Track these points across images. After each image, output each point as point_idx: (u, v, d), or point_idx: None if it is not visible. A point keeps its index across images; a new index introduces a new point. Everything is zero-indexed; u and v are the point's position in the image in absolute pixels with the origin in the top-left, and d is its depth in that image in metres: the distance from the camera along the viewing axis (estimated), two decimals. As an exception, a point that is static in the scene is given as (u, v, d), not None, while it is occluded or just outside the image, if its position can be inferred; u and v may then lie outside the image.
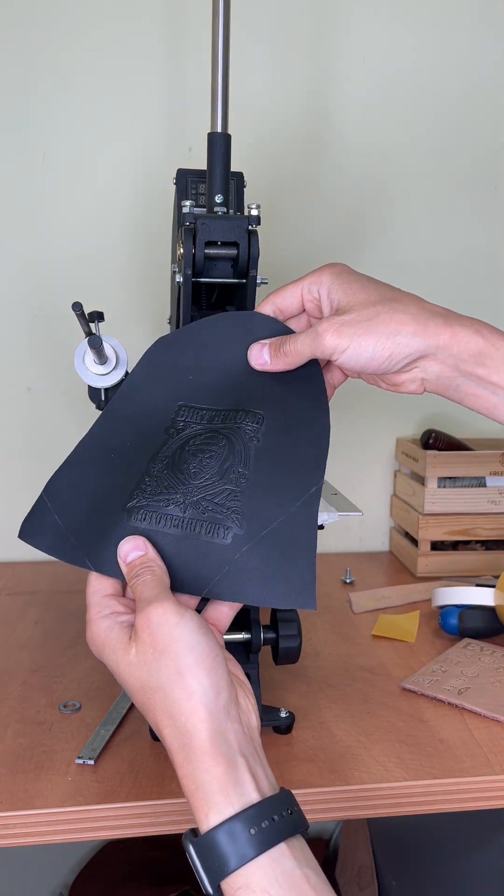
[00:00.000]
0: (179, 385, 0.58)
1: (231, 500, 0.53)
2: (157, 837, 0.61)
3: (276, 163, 1.09)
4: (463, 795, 0.61)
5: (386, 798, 0.60)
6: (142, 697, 0.45)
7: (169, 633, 0.45)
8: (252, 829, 0.41)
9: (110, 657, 0.47)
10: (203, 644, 0.45)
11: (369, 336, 0.52)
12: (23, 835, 0.56)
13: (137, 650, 0.45)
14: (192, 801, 0.43)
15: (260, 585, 0.52)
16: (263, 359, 0.57)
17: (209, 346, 0.59)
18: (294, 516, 0.53)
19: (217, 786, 0.42)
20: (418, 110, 1.11)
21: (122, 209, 1.07)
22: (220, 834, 0.41)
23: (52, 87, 1.03)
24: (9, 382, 1.10)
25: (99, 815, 0.56)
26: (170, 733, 0.44)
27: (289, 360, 0.56)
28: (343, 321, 0.52)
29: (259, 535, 0.52)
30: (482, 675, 0.75)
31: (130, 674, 0.46)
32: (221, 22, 0.66)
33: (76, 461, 0.57)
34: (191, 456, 0.54)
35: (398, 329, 0.52)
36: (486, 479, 1.07)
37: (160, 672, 0.44)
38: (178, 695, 0.44)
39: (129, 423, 0.57)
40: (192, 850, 0.42)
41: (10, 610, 0.94)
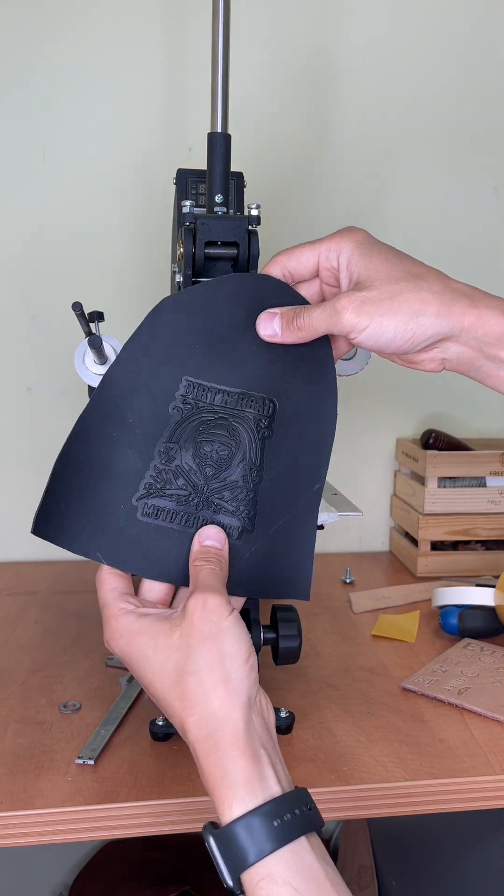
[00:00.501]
0: (185, 356, 0.54)
1: (242, 498, 0.53)
2: (157, 837, 0.61)
3: (276, 163, 1.09)
4: (463, 795, 0.61)
5: (386, 798, 0.60)
6: (173, 685, 0.45)
7: (218, 623, 0.45)
8: (275, 821, 0.41)
9: (145, 644, 0.46)
10: (244, 640, 0.46)
11: (391, 316, 0.49)
12: (23, 835, 0.56)
13: (182, 633, 0.46)
14: (215, 791, 0.43)
15: (262, 581, 0.52)
16: (273, 329, 0.53)
17: (217, 311, 0.55)
18: (298, 513, 0.53)
19: (243, 777, 0.42)
20: (418, 109, 1.11)
21: (123, 209, 1.07)
22: (243, 825, 0.41)
23: (52, 87, 1.03)
24: (9, 382, 1.10)
25: (99, 815, 0.56)
26: (197, 721, 0.44)
27: (301, 335, 0.52)
28: (364, 298, 0.49)
29: (268, 533, 0.53)
30: (482, 675, 0.75)
31: (169, 657, 0.45)
32: (221, 22, 0.66)
33: (79, 440, 0.54)
34: (203, 447, 0.52)
35: (422, 309, 0.49)
36: (486, 479, 1.07)
37: (201, 656, 0.45)
38: (215, 680, 0.44)
39: (130, 395, 0.54)
40: (212, 842, 0.42)
41: (10, 610, 0.94)
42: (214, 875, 0.42)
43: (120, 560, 0.51)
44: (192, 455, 0.53)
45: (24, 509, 1.11)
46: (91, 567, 1.15)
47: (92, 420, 0.54)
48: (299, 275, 0.55)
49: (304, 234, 1.11)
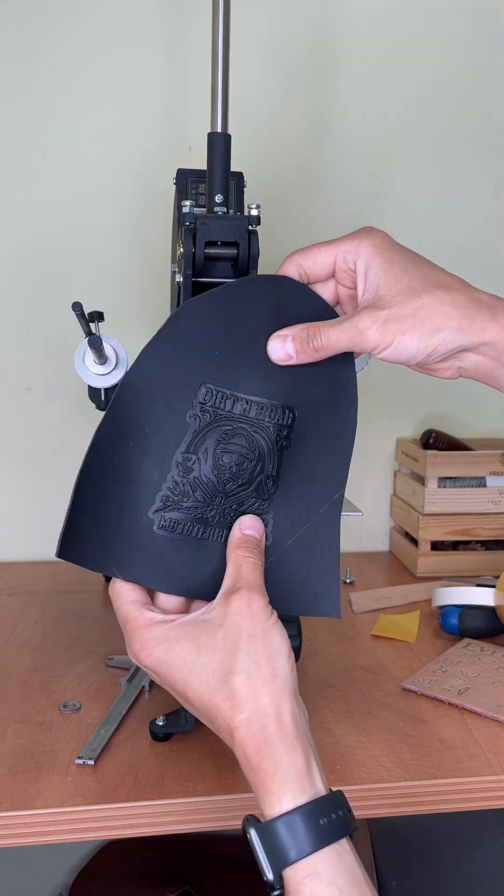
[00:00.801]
0: (204, 361, 0.52)
1: (259, 510, 0.52)
2: (157, 837, 0.61)
3: (276, 163, 1.09)
4: (463, 795, 0.61)
5: (386, 798, 0.60)
6: (219, 685, 0.45)
7: (263, 624, 0.46)
8: (322, 819, 0.42)
9: (188, 647, 0.46)
10: (286, 638, 0.46)
11: (413, 332, 0.48)
12: (23, 835, 0.56)
13: (225, 633, 0.45)
14: (265, 786, 0.43)
15: (285, 595, 0.51)
16: (286, 352, 0.51)
17: (239, 316, 0.52)
18: (318, 524, 0.53)
19: (294, 772, 0.43)
20: (418, 110, 1.11)
21: (123, 209, 1.07)
22: (290, 820, 0.41)
23: (52, 88, 1.03)
24: (9, 382, 1.10)
25: (99, 815, 0.56)
26: (247, 718, 0.44)
27: (319, 355, 0.51)
28: (387, 316, 0.48)
29: (285, 544, 0.52)
30: (482, 675, 0.75)
31: (213, 657, 0.45)
32: (221, 22, 0.66)
33: (97, 450, 0.51)
34: (222, 458, 0.51)
35: (444, 324, 0.48)
36: (486, 479, 1.07)
37: (248, 655, 0.45)
38: (264, 677, 0.44)
39: (147, 402, 0.51)
40: (254, 835, 0.42)
41: (10, 610, 0.94)
42: (214, 875, 0.42)
43: (136, 575, 0.50)
44: (212, 467, 0.51)
45: (24, 509, 1.12)
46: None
47: (109, 429, 0.51)
48: (315, 275, 0.53)
49: (304, 234, 1.11)
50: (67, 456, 1.11)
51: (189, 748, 0.63)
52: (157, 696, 0.73)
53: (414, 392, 1.19)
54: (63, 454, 1.11)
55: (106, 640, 0.85)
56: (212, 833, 1.14)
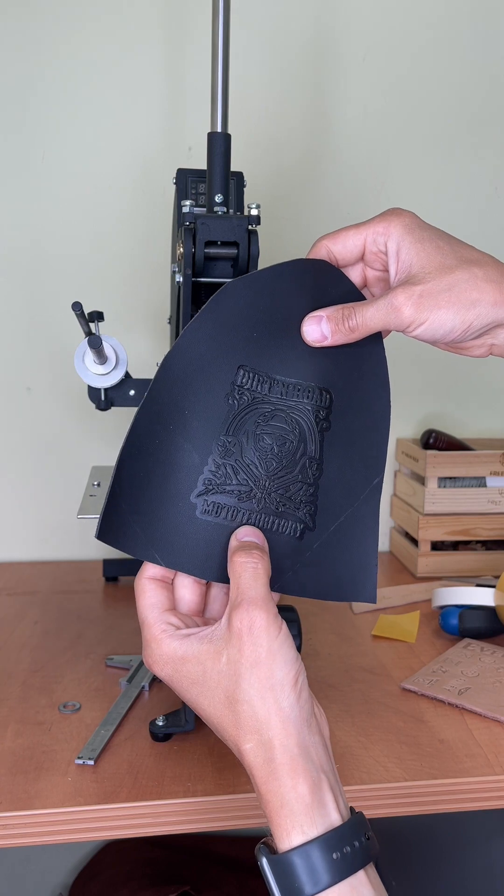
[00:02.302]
0: (242, 343, 0.51)
1: (304, 494, 0.51)
2: (157, 837, 0.61)
3: (276, 163, 1.09)
4: (463, 795, 0.61)
5: (386, 798, 0.60)
6: (225, 710, 0.44)
7: (268, 646, 0.43)
8: (334, 853, 0.40)
9: (193, 670, 0.45)
10: (292, 661, 0.44)
11: (449, 308, 0.47)
12: (23, 835, 0.56)
13: (229, 658, 0.44)
14: (274, 818, 0.42)
15: (325, 580, 0.51)
16: (321, 333, 0.50)
17: (278, 298, 0.52)
18: (358, 509, 0.52)
19: (302, 806, 0.41)
20: (419, 108, 1.11)
21: (122, 209, 1.07)
22: (300, 856, 0.40)
23: (52, 88, 1.03)
24: (9, 382, 1.10)
25: (99, 815, 0.56)
26: (253, 748, 0.43)
27: (354, 335, 0.50)
28: (422, 292, 0.47)
29: (329, 530, 0.51)
30: (482, 675, 0.75)
31: (218, 683, 0.44)
32: (221, 22, 0.66)
33: (136, 434, 0.50)
34: (263, 440, 0.50)
35: (479, 299, 0.48)
36: (486, 479, 1.07)
37: (251, 686, 0.43)
38: (268, 709, 0.43)
39: (186, 384, 0.51)
40: (266, 865, 0.41)
41: (10, 610, 0.94)
42: (214, 875, 0.42)
43: (178, 561, 0.49)
44: (253, 449, 0.50)
45: (23, 509, 1.12)
46: (91, 567, 1.15)
47: (148, 412, 0.50)
48: (344, 259, 0.52)
49: (304, 233, 1.11)
50: (67, 456, 1.11)
51: (189, 748, 0.63)
52: (157, 696, 0.73)
53: (414, 392, 1.19)
54: (63, 454, 1.11)
55: (106, 640, 0.85)
56: (212, 833, 1.14)
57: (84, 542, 1.13)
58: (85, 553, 1.14)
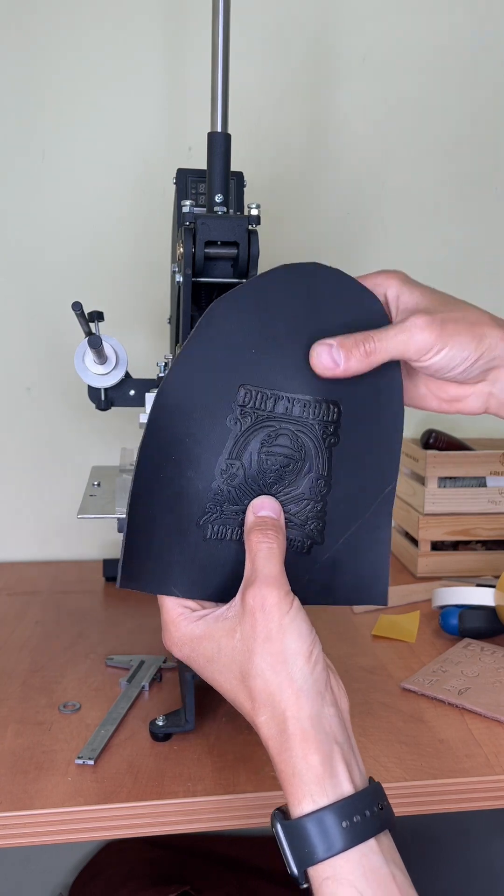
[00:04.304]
0: (240, 362, 0.50)
1: (311, 511, 0.51)
2: (157, 837, 0.61)
3: (276, 163, 1.09)
4: (463, 795, 0.61)
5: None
6: (240, 685, 0.45)
7: (279, 622, 0.45)
8: (344, 822, 0.41)
9: (209, 647, 0.47)
10: (306, 634, 0.46)
11: (465, 335, 0.48)
12: (23, 835, 0.56)
13: (242, 634, 0.45)
14: (287, 787, 0.43)
15: (335, 589, 0.52)
16: (332, 361, 0.48)
17: (271, 309, 0.50)
18: (369, 519, 0.52)
19: (312, 776, 0.43)
20: (419, 109, 1.11)
21: (122, 209, 1.07)
22: (311, 822, 0.41)
23: (52, 87, 1.03)
24: (9, 382, 1.10)
25: (99, 815, 0.56)
26: (266, 721, 0.44)
27: (370, 361, 0.48)
28: (443, 318, 0.48)
29: (337, 543, 0.52)
30: (482, 675, 0.75)
31: (233, 659, 0.45)
32: (221, 21, 0.66)
33: (142, 469, 0.49)
34: (266, 462, 0.50)
35: (487, 332, 0.49)
36: (486, 479, 1.07)
37: (263, 659, 0.44)
38: (279, 683, 0.44)
39: (185, 413, 0.49)
40: (280, 831, 0.42)
41: (10, 610, 0.94)
42: (214, 875, 0.42)
43: (196, 589, 0.49)
44: (256, 471, 0.50)
45: (24, 509, 1.12)
46: (91, 567, 1.15)
47: (149, 449, 0.49)
48: None
49: (304, 233, 1.11)
50: (67, 456, 1.11)
51: (189, 748, 0.63)
52: (157, 696, 0.73)
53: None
54: (63, 454, 1.11)
55: (106, 640, 0.85)
56: (212, 833, 1.14)
57: (84, 542, 1.13)
58: (85, 553, 1.14)
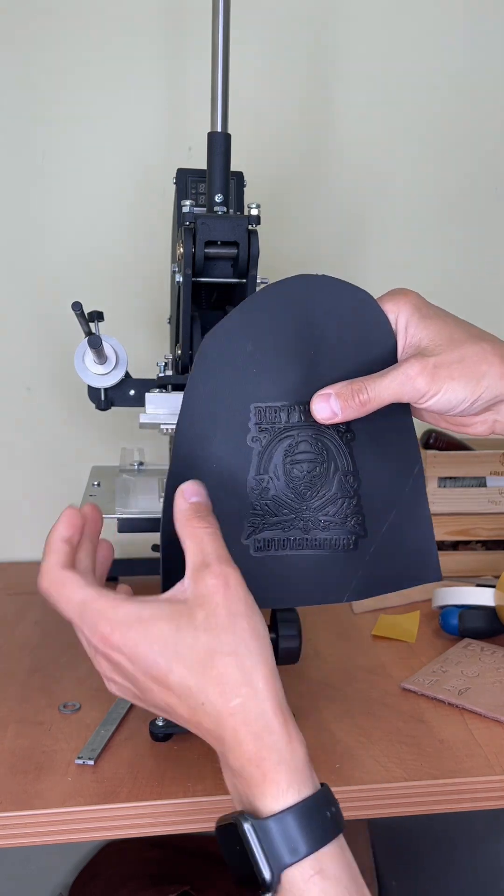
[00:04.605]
0: (245, 383, 0.51)
1: (348, 507, 0.52)
2: (157, 837, 0.61)
3: (276, 163, 1.09)
4: (463, 795, 0.61)
5: (386, 798, 0.60)
6: (206, 669, 0.41)
7: (244, 598, 0.43)
8: (327, 812, 0.40)
9: (165, 628, 0.42)
10: (264, 622, 0.44)
11: (461, 379, 0.49)
12: (23, 835, 0.56)
13: (206, 612, 0.42)
14: (266, 776, 0.40)
15: (389, 576, 0.52)
16: (331, 411, 0.50)
17: (265, 328, 0.52)
18: (406, 501, 0.53)
19: (298, 762, 0.41)
20: (419, 109, 1.11)
21: (122, 209, 1.07)
22: (294, 815, 0.39)
23: (51, 87, 1.03)
24: (9, 382, 1.10)
25: (99, 815, 0.56)
26: (242, 704, 0.41)
27: (366, 409, 0.50)
28: (436, 363, 0.49)
29: (381, 532, 0.52)
30: (482, 675, 0.75)
31: (196, 638, 0.42)
32: (221, 22, 0.66)
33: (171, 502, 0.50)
34: (293, 471, 0.51)
35: (487, 371, 0.49)
36: (486, 479, 1.07)
37: (235, 636, 0.42)
38: (255, 661, 0.42)
39: (205, 442, 0.51)
40: (250, 831, 0.39)
41: (10, 610, 0.94)
42: (214, 875, 0.42)
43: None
44: (285, 482, 0.51)
45: (24, 509, 1.12)
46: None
47: (176, 479, 0.50)
48: None
49: (305, 233, 1.11)
50: (67, 456, 1.11)
51: (189, 748, 0.63)
52: (157, 696, 0.73)
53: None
54: (63, 454, 1.11)
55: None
56: (212, 833, 1.14)
57: (84, 542, 1.13)
58: (85, 553, 1.14)
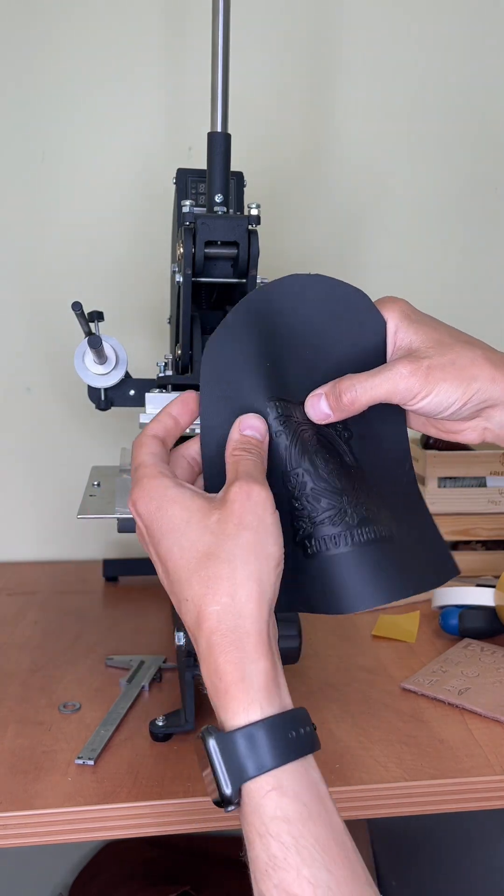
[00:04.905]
0: (258, 380, 0.50)
1: (371, 497, 0.50)
2: (157, 837, 0.61)
3: (276, 163, 1.09)
4: (463, 796, 0.61)
5: (386, 798, 0.60)
6: (198, 565, 0.42)
7: (262, 516, 0.43)
8: (291, 732, 0.40)
9: (178, 515, 0.44)
10: (280, 544, 0.44)
11: (452, 381, 0.48)
12: (23, 835, 0.56)
13: (221, 517, 0.43)
14: (229, 691, 0.41)
15: (414, 574, 0.50)
16: (323, 412, 0.50)
17: (263, 329, 0.51)
18: (405, 498, 0.53)
19: (264, 680, 0.41)
20: (419, 108, 1.11)
21: (122, 209, 1.07)
22: (256, 731, 0.39)
23: (51, 87, 1.03)
24: (9, 382, 1.10)
25: (99, 815, 0.56)
26: (219, 612, 0.41)
27: (355, 408, 0.50)
28: (429, 364, 0.48)
29: (392, 529, 0.50)
30: (482, 675, 0.75)
31: (201, 536, 0.43)
32: (221, 21, 0.66)
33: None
34: (322, 462, 0.49)
35: (478, 374, 0.49)
36: (486, 479, 1.07)
37: (237, 545, 0.42)
38: (248, 574, 0.42)
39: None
40: (213, 745, 0.40)
41: (10, 610, 0.94)
42: (214, 875, 0.42)
43: (317, 604, 0.48)
44: (320, 470, 0.49)
45: (24, 509, 1.12)
46: (91, 567, 1.15)
47: (215, 487, 0.49)
48: None
49: (304, 233, 1.11)
50: (67, 456, 1.11)
51: (189, 748, 0.63)
52: (157, 696, 0.73)
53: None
54: (63, 454, 1.11)
55: (106, 640, 0.85)
56: (212, 833, 1.14)
57: (84, 542, 1.13)
58: (85, 553, 1.14)
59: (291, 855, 0.38)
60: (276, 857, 0.38)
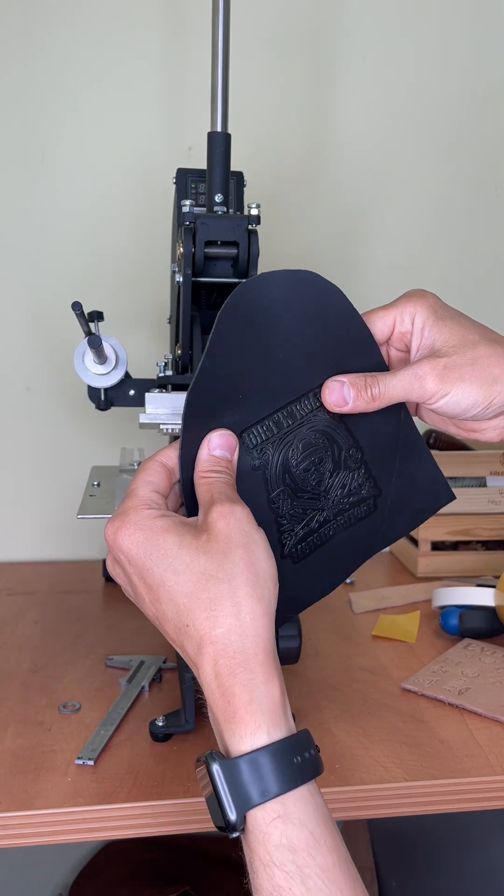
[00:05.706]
0: (233, 413, 0.50)
1: (359, 476, 0.53)
2: (157, 838, 0.61)
3: (277, 163, 1.09)
4: (463, 796, 0.61)
5: (386, 798, 0.60)
6: (196, 588, 0.41)
7: (249, 533, 0.43)
8: (296, 757, 0.40)
9: (170, 541, 0.43)
10: (272, 558, 0.44)
11: (472, 381, 0.48)
12: (23, 835, 0.56)
13: (211, 537, 0.42)
14: (237, 714, 0.40)
15: (408, 513, 0.55)
16: (342, 398, 0.49)
17: (230, 358, 0.50)
18: (403, 445, 0.54)
19: (272, 703, 0.40)
20: (419, 108, 1.11)
21: (122, 209, 1.07)
22: (263, 756, 0.39)
23: (51, 88, 1.03)
24: (9, 382, 1.10)
25: (99, 815, 0.56)
26: (225, 634, 0.41)
27: (375, 404, 0.50)
28: (447, 363, 0.48)
29: (392, 482, 0.54)
30: (482, 675, 0.75)
31: (195, 558, 0.42)
32: (221, 21, 0.66)
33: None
34: (302, 475, 0.51)
35: (500, 374, 0.48)
36: (486, 479, 1.07)
37: (234, 564, 0.42)
38: (248, 592, 0.41)
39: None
40: (218, 771, 0.39)
41: (10, 610, 0.94)
42: (214, 875, 0.42)
43: (307, 602, 0.52)
44: (299, 484, 0.51)
45: (24, 509, 1.12)
46: (91, 567, 1.15)
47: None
48: (377, 340, 0.52)
49: (304, 233, 1.11)
50: (67, 456, 1.11)
51: (189, 748, 0.63)
52: (157, 696, 0.73)
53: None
54: (63, 454, 1.11)
55: (106, 640, 0.85)
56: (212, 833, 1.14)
57: (84, 542, 1.13)
58: (85, 553, 1.14)
59: (296, 885, 0.38)
60: (280, 888, 0.38)
